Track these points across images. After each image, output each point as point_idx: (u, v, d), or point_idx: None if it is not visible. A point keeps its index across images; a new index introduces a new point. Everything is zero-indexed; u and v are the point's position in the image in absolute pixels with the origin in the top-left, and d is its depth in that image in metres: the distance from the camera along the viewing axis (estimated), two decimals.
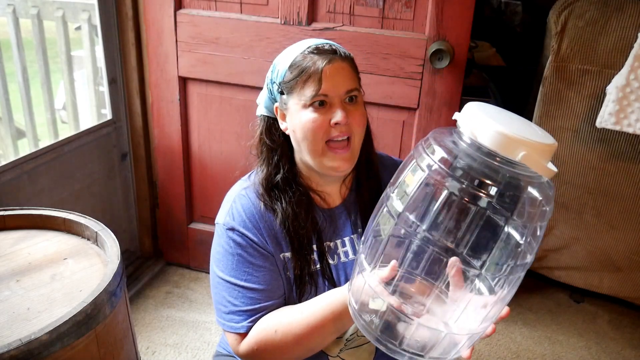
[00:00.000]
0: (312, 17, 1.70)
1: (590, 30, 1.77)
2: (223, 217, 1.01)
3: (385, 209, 0.72)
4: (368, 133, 1.04)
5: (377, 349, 1.09)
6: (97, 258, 1.09)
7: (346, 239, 1.05)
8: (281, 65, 0.98)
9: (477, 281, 0.70)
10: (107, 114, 1.97)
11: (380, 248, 0.73)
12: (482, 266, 0.66)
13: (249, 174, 1.08)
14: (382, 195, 0.77)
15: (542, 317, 2.07)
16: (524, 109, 2.23)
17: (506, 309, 0.74)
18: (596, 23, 1.76)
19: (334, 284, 1.02)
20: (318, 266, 1.02)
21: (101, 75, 2.00)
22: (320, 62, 0.93)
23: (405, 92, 1.68)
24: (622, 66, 1.64)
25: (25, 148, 2.26)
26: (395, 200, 0.69)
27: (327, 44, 0.97)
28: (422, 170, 0.66)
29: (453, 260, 0.69)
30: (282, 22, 1.72)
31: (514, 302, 2.13)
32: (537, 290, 2.23)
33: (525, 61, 2.54)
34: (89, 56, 2.06)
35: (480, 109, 0.66)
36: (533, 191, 0.65)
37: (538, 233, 0.66)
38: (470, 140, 0.65)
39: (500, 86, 2.51)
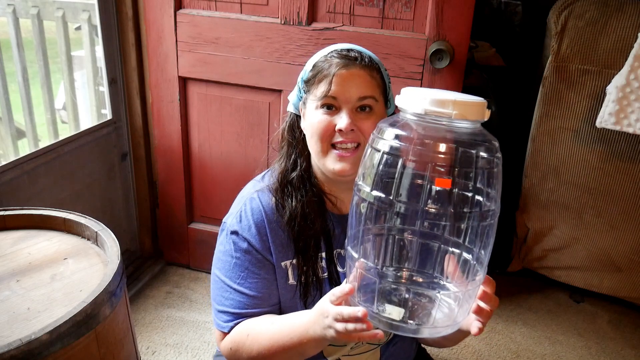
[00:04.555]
0: (312, 17, 1.70)
1: (590, 30, 1.77)
2: (231, 218, 1.02)
3: (356, 199, 0.77)
4: None
5: (381, 355, 1.09)
6: (97, 258, 1.09)
7: None
8: (308, 64, 0.99)
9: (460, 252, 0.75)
10: (107, 114, 1.97)
11: (361, 234, 0.77)
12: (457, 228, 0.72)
13: (262, 174, 1.08)
14: (353, 190, 0.79)
15: (542, 317, 2.07)
16: (524, 109, 2.23)
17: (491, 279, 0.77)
18: (596, 23, 1.76)
19: None
20: (326, 274, 1.01)
21: (101, 75, 2.00)
22: (335, 65, 0.93)
23: None
24: (622, 66, 1.64)
25: (25, 148, 2.26)
26: (364, 186, 0.75)
27: (353, 49, 0.97)
28: (378, 150, 0.73)
29: (447, 258, 0.74)
30: (282, 22, 1.72)
31: (514, 302, 2.14)
32: (537, 290, 2.23)
33: (525, 61, 2.53)
34: (89, 56, 2.06)
35: (413, 89, 0.75)
36: (479, 148, 0.70)
37: (493, 180, 0.71)
38: (414, 113, 0.71)
39: (500, 86, 2.51)
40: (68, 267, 1.06)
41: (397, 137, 0.71)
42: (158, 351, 1.77)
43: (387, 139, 0.72)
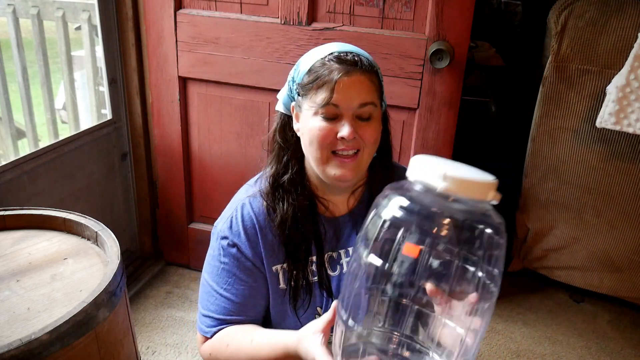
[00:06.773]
0: (312, 17, 1.70)
1: (590, 30, 1.77)
2: (221, 223, 1.01)
3: (354, 261, 0.75)
4: (388, 147, 1.02)
5: None
6: (97, 258, 1.09)
7: (350, 249, 1.03)
8: (302, 66, 0.95)
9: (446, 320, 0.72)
10: (107, 114, 1.97)
11: (353, 293, 0.74)
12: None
13: (256, 177, 1.06)
14: (354, 248, 0.77)
15: (542, 317, 2.07)
16: (524, 109, 2.23)
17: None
18: (596, 23, 1.76)
19: (331, 296, 1.01)
20: (316, 278, 1.01)
21: (101, 75, 2.00)
22: (336, 72, 0.89)
23: (405, 92, 1.68)
24: (622, 66, 1.64)
25: (25, 148, 2.26)
26: (363, 250, 0.73)
27: (351, 53, 0.93)
28: (381, 217, 0.70)
29: (429, 286, 0.70)
30: (282, 22, 1.72)
31: (514, 302, 2.14)
32: (537, 290, 2.23)
33: (525, 61, 2.54)
34: (89, 56, 2.06)
35: (426, 159, 0.72)
36: (486, 227, 0.69)
37: (498, 264, 0.70)
38: (423, 187, 0.69)
39: (500, 86, 2.52)
40: (68, 267, 1.06)
41: (401, 207, 0.69)
42: (158, 351, 1.77)
43: (391, 207, 0.70)
